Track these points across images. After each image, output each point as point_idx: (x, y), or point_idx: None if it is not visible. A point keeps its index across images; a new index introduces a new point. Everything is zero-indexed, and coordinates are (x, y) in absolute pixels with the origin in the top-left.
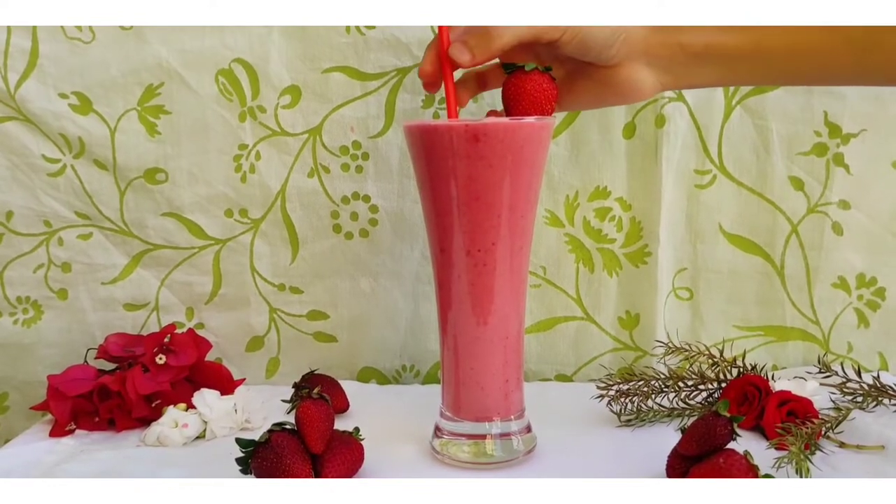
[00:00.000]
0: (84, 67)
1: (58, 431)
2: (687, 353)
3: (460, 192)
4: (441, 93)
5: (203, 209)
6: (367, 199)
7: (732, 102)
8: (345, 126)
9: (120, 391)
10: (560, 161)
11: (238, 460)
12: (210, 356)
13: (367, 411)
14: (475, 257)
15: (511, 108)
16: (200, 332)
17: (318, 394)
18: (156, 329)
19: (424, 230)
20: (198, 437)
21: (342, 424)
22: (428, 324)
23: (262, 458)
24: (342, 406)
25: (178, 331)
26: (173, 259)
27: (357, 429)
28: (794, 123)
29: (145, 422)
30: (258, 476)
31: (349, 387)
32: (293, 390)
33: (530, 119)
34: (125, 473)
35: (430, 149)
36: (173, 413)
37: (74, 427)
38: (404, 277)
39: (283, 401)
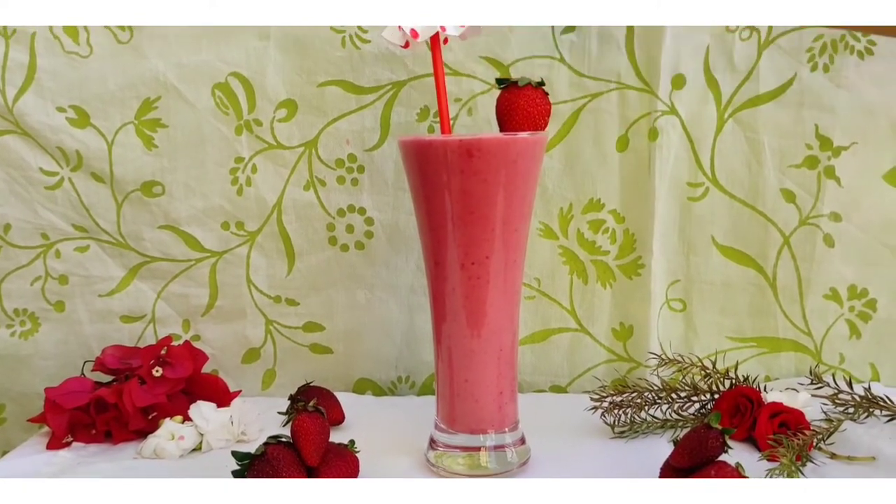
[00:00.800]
0: (81, 81)
1: (55, 444)
2: (680, 364)
3: (454, 207)
4: (435, 106)
5: (200, 222)
6: (362, 211)
7: (725, 116)
8: (340, 139)
9: (117, 403)
10: (554, 174)
11: (234, 473)
12: (206, 368)
13: (362, 423)
14: (469, 270)
15: (504, 123)
16: (197, 344)
17: (313, 406)
18: (152, 341)
19: (419, 242)
20: (194, 450)
21: (338, 436)
22: (423, 335)
23: (257, 470)
24: (338, 418)
25: (175, 343)
26: (170, 271)
27: (352, 441)
28: (785, 136)
29: (142, 434)
30: None
31: (345, 398)
32: (289, 402)
33: (524, 134)
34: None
35: (424, 164)
36: (170, 425)
37: (71, 439)
38: (399, 289)
39: (280, 413)
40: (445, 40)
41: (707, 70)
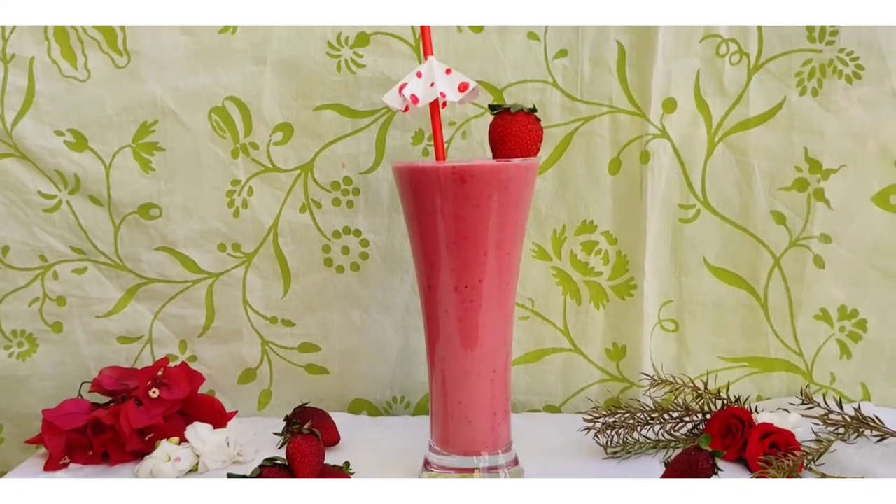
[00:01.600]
0: (79, 105)
1: (52, 465)
2: (672, 385)
3: (448, 231)
4: (429, 129)
5: (196, 244)
6: (357, 233)
7: (715, 139)
8: (336, 162)
9: (114, 425)
10: (547, 196)
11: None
12: (203, 388)
13: (357, 444)
14: (462, 294)
15: (497, 148)
16: (193, 365)
17: (308, 429)
18: (149, 362)
19: (412, 261)
20: (190, 471)
21: (333, 457)
22: (418, 355)
23: None
24: (333, 439)
25: (172, 364)
26: (167, 293)
27: (347, 463)
28: (775, 159)
29: (139, 456)
30: None
31: (340, 419)
32: (285, 424)
33: (516, 160)
34: None
35: (417, 189)
36: (166, 447)
37: (68, 461)
38: (394, 310)
39: (275, 434)
40: (444, 104)
41: (697, 94)
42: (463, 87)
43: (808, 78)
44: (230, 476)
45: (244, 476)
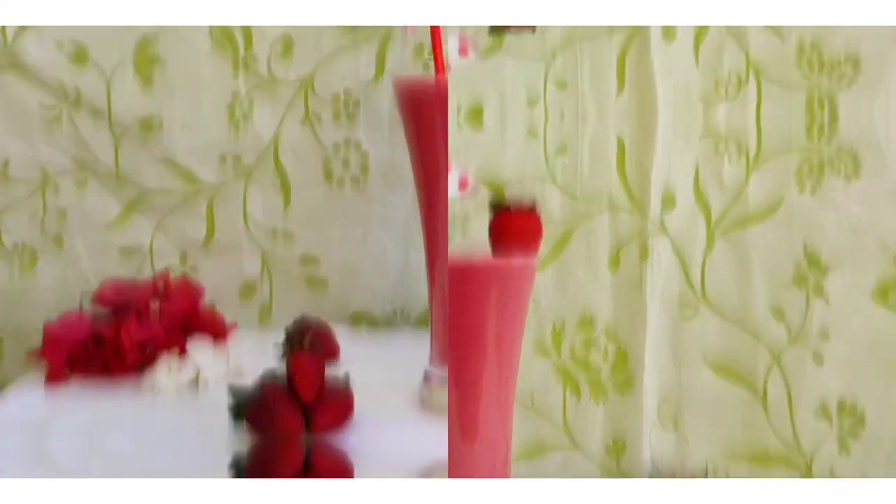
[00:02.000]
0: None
1: (52, 378)
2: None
3: (449, 328)
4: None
5: (197, 157)
6: (358, 146)
7: (714, 235)
8: (337, 75)
9: (115, 338)
10: (547, 291)
11: (230, 409)
12: (203, 302)
13: (357, 357)
14: (462, 390)
15: (497, 247)
16: (194, 278)
17: (308, 342)
18: (150, 275)
19: (413, 177)
20: (190, 384)
21: (334, 371)
22: (417, 270)
23: (254, 407)
24: (333, 352)
25: (172, 277)
26: (168, 205)
27: (347, 375)
28: (774, 256)
29: (139, 369)
30: (250, 425)
31: (340, 331)
32: (284, 337)
33: (516, 259)
34: (119, 421)
35: (416, 108)
36: (167, 360)
37: (69, 374)
38: (394, 224)
39: (276, 345)
40: None
41: (697, 191)
42: None
43: (806, 175)
44: (230, 389)
45: (244, 390)
